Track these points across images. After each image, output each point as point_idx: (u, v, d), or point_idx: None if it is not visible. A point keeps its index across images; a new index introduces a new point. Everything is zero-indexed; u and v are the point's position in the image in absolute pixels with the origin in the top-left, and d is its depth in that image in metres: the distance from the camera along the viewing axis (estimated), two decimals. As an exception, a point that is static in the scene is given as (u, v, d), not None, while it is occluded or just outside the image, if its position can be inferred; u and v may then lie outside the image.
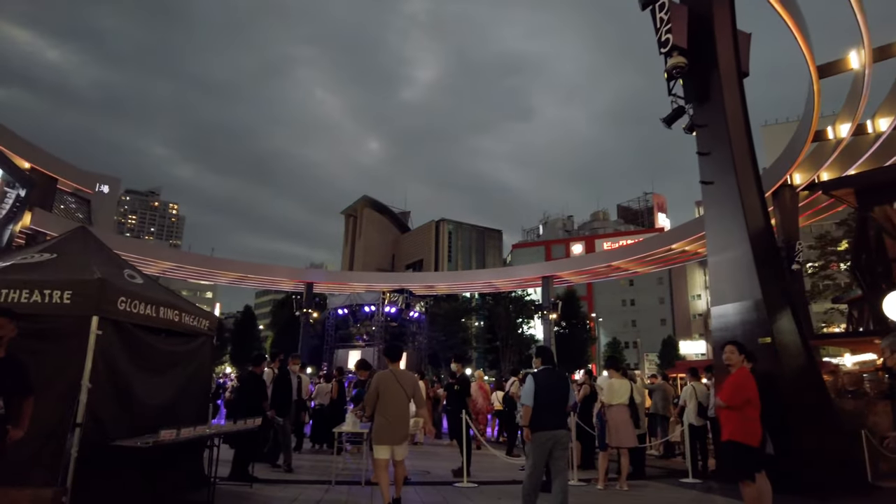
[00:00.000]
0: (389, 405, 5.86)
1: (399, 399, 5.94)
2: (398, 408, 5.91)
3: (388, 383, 5.95)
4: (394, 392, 5.91)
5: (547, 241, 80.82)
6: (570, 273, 35.84)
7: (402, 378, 6.12)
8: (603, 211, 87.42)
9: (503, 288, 40.56)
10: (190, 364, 6.07)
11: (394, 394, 5.90)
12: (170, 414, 5.55)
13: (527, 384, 5.86)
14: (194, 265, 35.09)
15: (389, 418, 5.81)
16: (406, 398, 6.03)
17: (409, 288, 29.60)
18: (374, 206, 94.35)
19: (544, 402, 5.64)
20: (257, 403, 7.61)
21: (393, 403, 5.87)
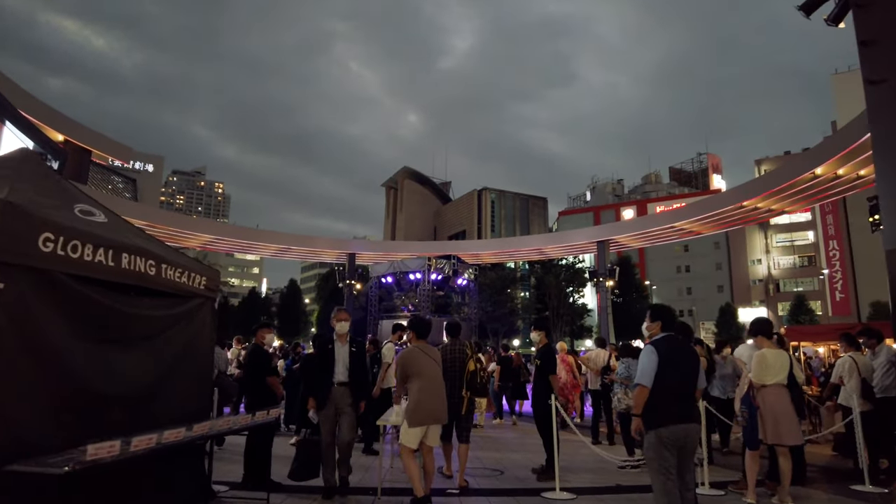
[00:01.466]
0: (423, 380, 5.19)
1: (432, 373, 5.30)
2: (432, 381, 5.26)
3: (416, 358, 5.30)
4: (425, 366, 5.27)
5: (596, 206, 77.49)
6: (627, 237, 33.26)
7: (433, 354, 5.46)
8: (654, 173, 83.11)
9: (553, 255, 38.29)
10: (178, 336, 4.32)
11: (425, 368, 5.26)
12: (146, 407, 3.84)
13: (644, 358, 4.13)
14: (235, 237, 34.16)
15: (423, 395, 5.11)
16: (439, 373, 5.41)
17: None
18: (415, 178, 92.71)
19: (670, 384, 4.02)
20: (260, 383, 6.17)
21: (427, 377, 5.22)
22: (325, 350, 5.77)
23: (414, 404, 5.05)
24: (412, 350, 5.36)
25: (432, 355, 5.37)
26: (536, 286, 46.44)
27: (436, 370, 5.30)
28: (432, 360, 5.31)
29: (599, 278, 33.07)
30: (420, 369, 5.19)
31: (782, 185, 24.23)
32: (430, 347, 5.47)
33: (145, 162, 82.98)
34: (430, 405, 5.06)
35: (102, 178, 64.19)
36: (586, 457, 7.83)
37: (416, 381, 5.15)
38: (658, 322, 4.26)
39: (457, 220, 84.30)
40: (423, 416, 5.01)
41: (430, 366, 5.25)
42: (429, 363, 5.25)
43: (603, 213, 74.08)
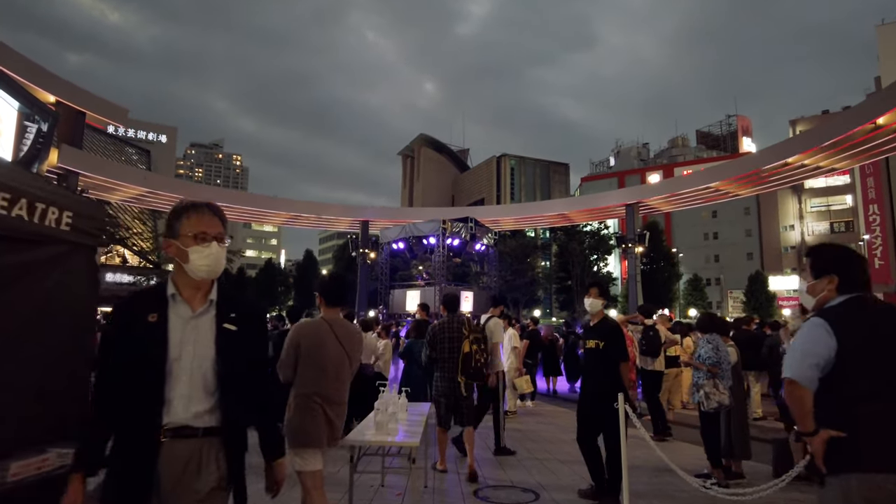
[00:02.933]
0: (319, 374, 3.34)
1: (336, 363, 3.40)
2: (334, 380, 3.39)
3: (317, 338, 3.41)
4: (326, 352, 3.39)
5: (620, 171, 74.56)
6: (658, 199, 30.95)
7: (342, 332, 3.49)
8: (682, 137, 79.58)
9: (578, 220, 36.10)
10: (25, 296, 2.58)
11: (326, 355, 3.38)
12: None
13: (806, 333, 2.23)
14: (243, 205, 32.64)
15: (318, 398, 3.29)
16: (347, 364, 3.47)
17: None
18: (432, 145, 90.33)
19: (874, 386, 2.09)
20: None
21: (325, 371, 3.36)
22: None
23: (295, 414, 3.28)
24: (316, 324, 3.50)
25: (341, 336, 3.46)
26: (559, 254, 44.42)
27: (339, 358, 3.42)
28: (340, 344, 3.43)
29: (628, 244, 30.96)
30: (317, 357, 3.37)
31: (837, 137, 21.80)
32: (343, 323, 3.57)
33: (159, 133, 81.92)
34: (323, 419, 3.29)
35: (116, 150, 63.23)
36: (645, 463, 6.08)
37: (303, 373, 3.36)
38: (835, 276, 2.32)
39: (475, 188, 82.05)
40: (314, 436, 3.26)
41: (333, 352, 3.41)
42: (333, 347, 3.41)
43: (628, 177, 71.20)
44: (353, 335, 3.55)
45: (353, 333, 3.57)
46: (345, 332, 3.46)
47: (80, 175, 24.26)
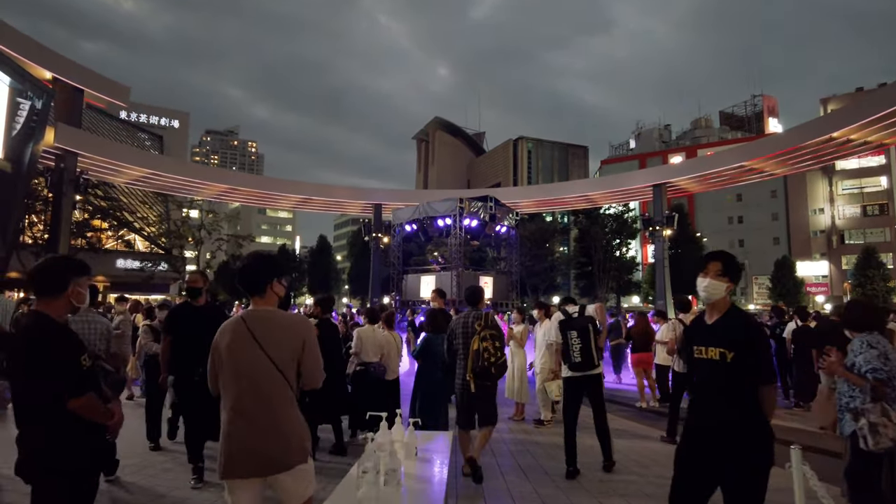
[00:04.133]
0: (234, 385, 2.54)
1: (251, 371, 2.54)
2: (252, 394, 2.53)
3: (230, 339, 2.60)
4: (239, 357, 2.56)
5: (641, 153, 72.23)
6: (688, 179, 29.09)
7: (261, 329, 2.60)
8: (705, 118, 76.87)
9: (601, 202, 34.33)
10: None
11: (238, 361, 2.55)
12: None
13: None
14: (251, 187, 31.38)
15: (234, 415, 2.51)
16: (271, 370, 2.55)
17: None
18: (447, 129, 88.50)
19: None
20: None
21: (238, 381, 2.54)
22: None
23: (224, 434, 2.57)
24: (234, 323, 2.67)
25: (261, 336, 2.60)
26: (579, 238, 42.68)
27: (261, 366, 2.57)
28: (259, 346, 2.58)
29: (655, 227, 29.23)
30: (235, 364, 2.59)
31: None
32: (272, 316, 2.68)
33: (171, 118, 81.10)
34: (247, 439, 2.53)
35: (128, 135, 62.55)
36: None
37: (225, 385, 2.62)
38: None
39: (491, 172, 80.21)
40: (238, 462, 2.52)
41: (251, 358, 2.58)
42: (252, 353, 2.58)
43: (649, 160, 68.93)
44: (279, 331, 2.62)
45: (280, 329, 2.64)
46: (264, 331, 2.59)
47: (78, 155, 23.13)
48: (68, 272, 2.63)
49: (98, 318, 4.92)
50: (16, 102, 20.41)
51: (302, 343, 2.64)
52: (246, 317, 2.65)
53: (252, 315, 2.65)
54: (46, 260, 2.68)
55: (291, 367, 2.62)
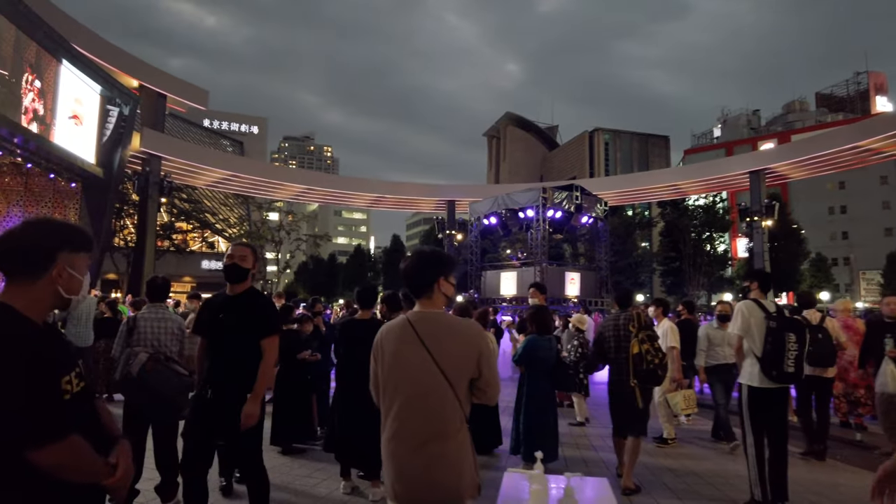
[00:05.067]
0: (399, 402, 2.21)
1: (424, 385, 2.18)
2: (423, 411, 2.17)
3: (401, 348, 2.25)
4: (410, 370, 2.21)
5: (727, 142, 67.69)
6: (791, 165, 26.32)
7: (437, 336, 2.22)
8: (799, 100, 71.04)
9: (690, 192, 31.84)
10: None
11: (409, 374, 2.21)
12: None
13: None
14: (327, 187, 31.52)
15: (402, 436, 2.17)
16: (444, 386, 2.16)
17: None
18: (518, 124, 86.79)
19: None
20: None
21: (404, 398, 2.21)
22: None
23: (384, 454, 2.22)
24: (398, 325, 2.33)
25: (428, 340, 2.21)
26: (665, 232, 40.08)
27: (426, 374, 2.18)
28: (427, 351, 2.19)
29: (753, 217, 26.72)
30: (398, 375, 2.24)
31: None
32: (437, 317, 2.31)
33: (250, 124, 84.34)
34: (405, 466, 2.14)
35: (211, 141, 65.53)
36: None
37: (388, 399, 2.26)
38: None
39: (566, 165, 77.73)
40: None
41: (415, 363, 2.21)
42: (416, 357, 2.21)
43: (737, 148, 64.49)
44: (451, 338, 2.26)
45: (452, 336, 2.26)
46: (434, 337, 2.25)
47: (162, 159, 23.77)
48: (53, 242, 1.63)
49: (171, 314, 4.23)
50: (106, 110, 21.17)
51: (478, 354, 2.24)
52: (413, 319, 2.29)
53: (420, 317, 2.29)
54: (22, 224, 1.68)
55: (463, 383, 2.22)
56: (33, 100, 16.74)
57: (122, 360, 3.80)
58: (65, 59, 17.99)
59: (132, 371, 3.68)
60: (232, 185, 29.46)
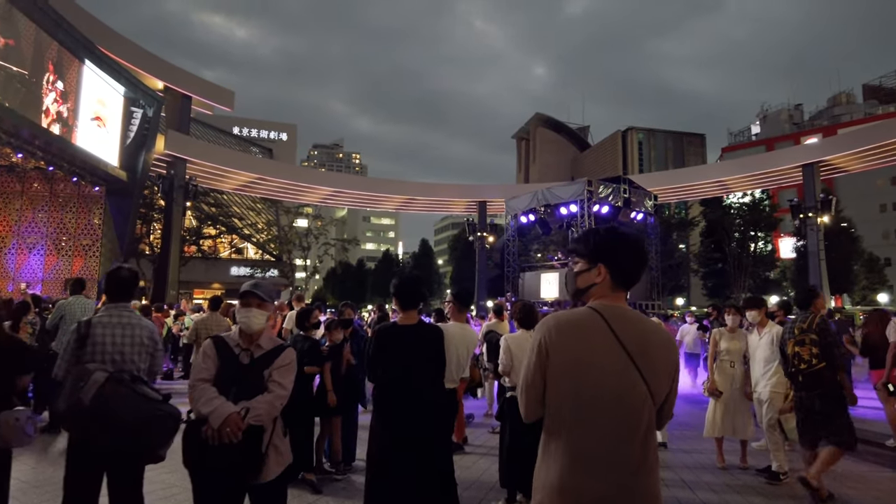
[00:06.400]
0: (598, 425, 1.73)
1: (631, 408, 1.74)
2: (630, 440, 1.72)
3: (598, 352, 1.77)
4: (614, 385, 1.74)
5: (768, 138, 64.90)
6: (850, 156, 24.48)
7: (642, 342, 1.78)
8: (846, 93, 67.82)
9: (736, 188, 29.98)
10: None
11: (613, 389, 1.73)
12: None
13: None
14: (356, 189, 30.72)
15: (600, 469, 1.71)
16: (650, 409, 1.76)
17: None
18: (548, 125, 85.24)
19: None
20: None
21: (605, 422, 1.73)
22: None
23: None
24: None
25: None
26: (707, 231, 38.16)
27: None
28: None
29: (808, 213, 24.92)
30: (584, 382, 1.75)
31: None
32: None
33: (279, 131, 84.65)
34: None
35: (241, 149, 65.93)
36: None
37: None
38: None
39: (598, 166, 75.78)
40: None
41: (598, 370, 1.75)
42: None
43: (777, 144, 61.75)
44: (656, 346, 1.84)
45: (657, 342, 1.86)
46: (639, 343, 1.81)
47: (187, 162, 23.25)
48: None
49: (139, 319, 3.17)
50: (130, 111, 20.70)
51: (676, 368, 1.87)
52: (607, 314, 1.80)
53: (616, 314, 1.81)
54: None
55: (659, 403, 1.81)
56: (55, 100, 16.31)
57: (69, 382, 2.76)
58: (87, 60, 17.54)
59: (84, 398, 2.64)
60: (259, 188, 28.88)
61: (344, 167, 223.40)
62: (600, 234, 1.93)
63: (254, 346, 2.77)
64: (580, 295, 1.93)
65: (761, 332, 5.48)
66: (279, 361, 2.75)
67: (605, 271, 1.85)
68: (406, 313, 3.63)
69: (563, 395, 1.77)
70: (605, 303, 1.84)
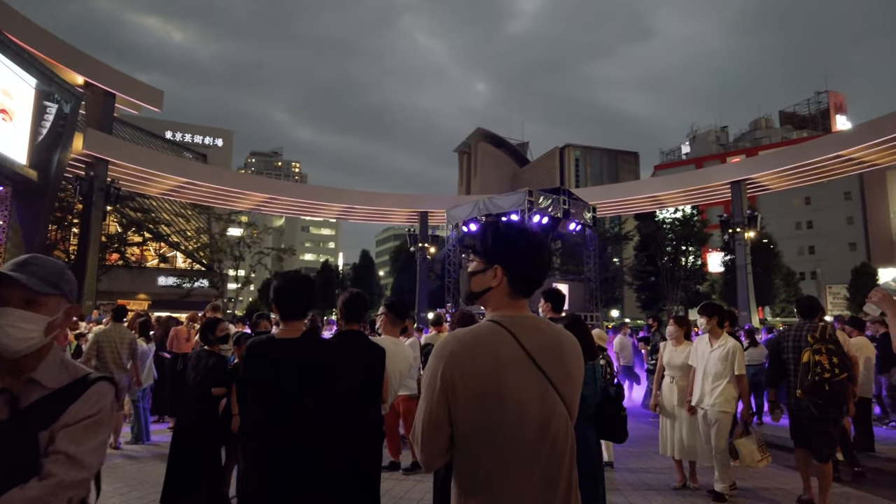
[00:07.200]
0: (525, 463, 1.44)
1: (556, 435, 1.47)
2: (556, 476, 1.46)
3: (514, 373, 1.46)
4: (535, 409, 1.45)
5: (696, 157, 68.26)
6: (774, 175, 25.73)
7: (553, 355, 1.53)
8: (765, 118, 72.37)
9: (671, 203, 31.05)
10: None
11: (535, 414, 1.45)
12: None
13: None
14: (293, 196, 29.62)
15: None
16: (571, 434, 1.51)
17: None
18: (489, 140, 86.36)
19: None
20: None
21: (532, 457, 1.45)
22: None
23: None
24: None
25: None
26: (641, 245, 39.35)
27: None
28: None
29: (735, 229, 25.98)
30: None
31: None
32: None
33: (215, 136, 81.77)
34: None
35: (173, 154, 63.16)
36: None
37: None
38: None
39: (537, 181, 77.21)
40: None
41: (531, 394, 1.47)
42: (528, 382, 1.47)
43: (706, 163, 65.05)
44: (569, 358, 1.60)
45: (569, 355, 1.61)
46: (549, 356, 1.56)
47: (109, 163, 21.70)
48: None
49: None
50: (42, 106, 19.02)
51: (583, 374, 1.66)
52: (514, 328, 1.50)
53: (525, 326, 1.52)
54: None
55: (574, 415, 1.58)
56: (-48, 90, 14.76)
57: None
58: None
59: None
60: (188, 193, 27.36)
61: (283, 176, 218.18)
62: (500, 230, 1.63)
63: (21, 381, 1.46)
64: (474, 299, 1.63)
65: (714, 343, 5.16)
66: (74, 412, 1.44)
67: (502, 274, 1.55)
68: (288, 324, 2.82)
69: (478, 438, 1.44)
70: (507, 313, 1.55)
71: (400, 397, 5.86)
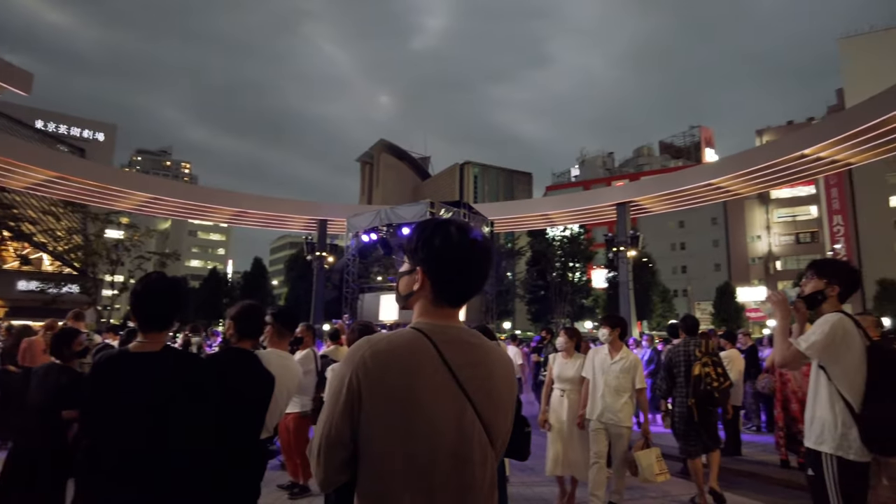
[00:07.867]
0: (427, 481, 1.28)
1: (465, 452, 1.32)
2: (461, 494, 1.31)
3: (427, 386, 1.30)
4: (445, 426, 1.29)
5: (585, 180, 72.66)
6: (654, 198, 27.93)
7: (474, 369, 1.37)
8: (647, 146, 78.66)
9: (561, 222, 32.73)
10: None
11: (445, 432, 1.29)
12: None
13: None
14: (179, 197, 27.56)
15: None
16: (487, 452, 1.36)
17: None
18: (392, 151, 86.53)
19: None
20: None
21: (435, 474, 1.29)
22: None
23: None
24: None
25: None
26: (532, 261, 41.10)
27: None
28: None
29: (619, 247, 27.83)
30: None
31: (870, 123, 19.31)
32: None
33: (95, 130, 74.99)
34: None
35: (45, 146, 57.21)
36: None
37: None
38: None
39: (437, 195, 78.16)
40: None
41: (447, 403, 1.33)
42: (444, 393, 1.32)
43: (594, 186, 69.53)
44: (496, 374, 1.45)
45: (497, 371, 1.46)
46: (471, 370, 1.41)
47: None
48: None
49: None
50: None
51: (514, 404, 1.50)
52: (437, 338, 1.35)
53: (449, 337, 1.37)
54: None
55: (499, 443, 1.42)
56: None
57: None
58: None
59: None
60: (58, 189, 24.81)
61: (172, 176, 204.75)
62: (425, 230, 1.45)
63: None
64: (402, 302, 1.49)
65: (614, 355, 5.02)
66: None
67: (423, 278, 1.40)
68: (147, 336, 2.37)
69: (383, 458, 1.28)
70: (433, 322, 1.39)
71: (289, 415, 5.50)
